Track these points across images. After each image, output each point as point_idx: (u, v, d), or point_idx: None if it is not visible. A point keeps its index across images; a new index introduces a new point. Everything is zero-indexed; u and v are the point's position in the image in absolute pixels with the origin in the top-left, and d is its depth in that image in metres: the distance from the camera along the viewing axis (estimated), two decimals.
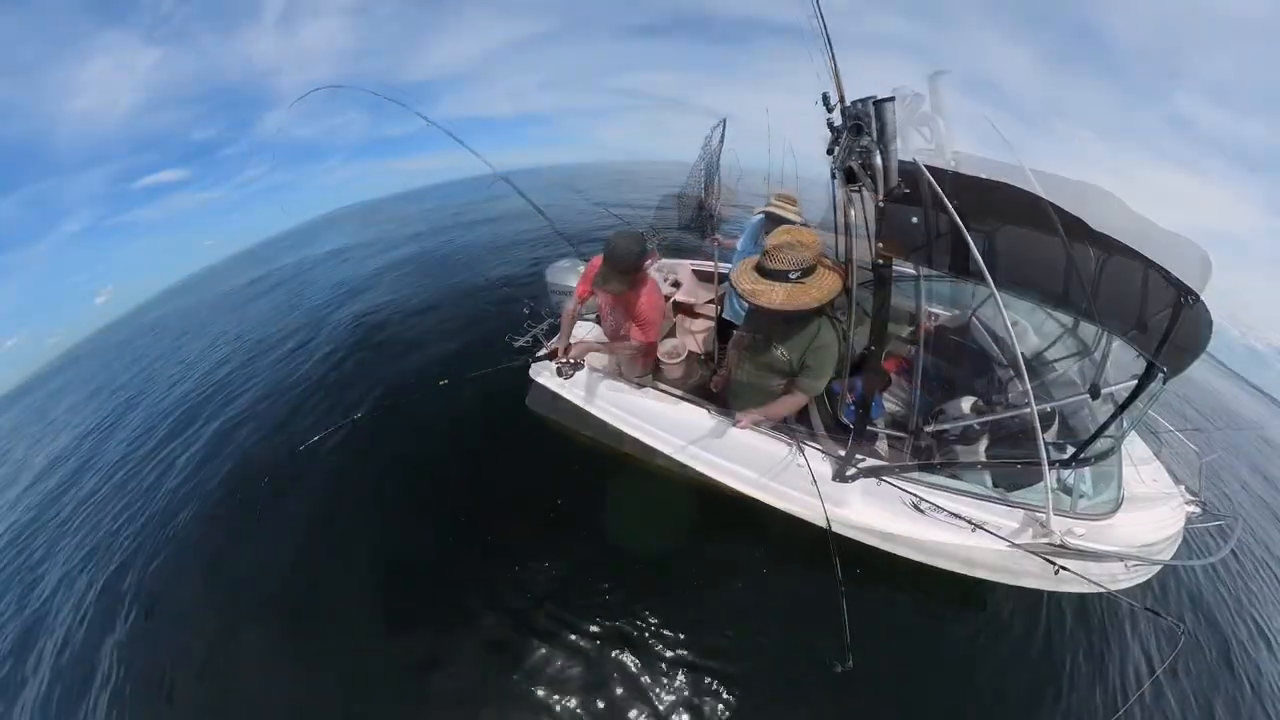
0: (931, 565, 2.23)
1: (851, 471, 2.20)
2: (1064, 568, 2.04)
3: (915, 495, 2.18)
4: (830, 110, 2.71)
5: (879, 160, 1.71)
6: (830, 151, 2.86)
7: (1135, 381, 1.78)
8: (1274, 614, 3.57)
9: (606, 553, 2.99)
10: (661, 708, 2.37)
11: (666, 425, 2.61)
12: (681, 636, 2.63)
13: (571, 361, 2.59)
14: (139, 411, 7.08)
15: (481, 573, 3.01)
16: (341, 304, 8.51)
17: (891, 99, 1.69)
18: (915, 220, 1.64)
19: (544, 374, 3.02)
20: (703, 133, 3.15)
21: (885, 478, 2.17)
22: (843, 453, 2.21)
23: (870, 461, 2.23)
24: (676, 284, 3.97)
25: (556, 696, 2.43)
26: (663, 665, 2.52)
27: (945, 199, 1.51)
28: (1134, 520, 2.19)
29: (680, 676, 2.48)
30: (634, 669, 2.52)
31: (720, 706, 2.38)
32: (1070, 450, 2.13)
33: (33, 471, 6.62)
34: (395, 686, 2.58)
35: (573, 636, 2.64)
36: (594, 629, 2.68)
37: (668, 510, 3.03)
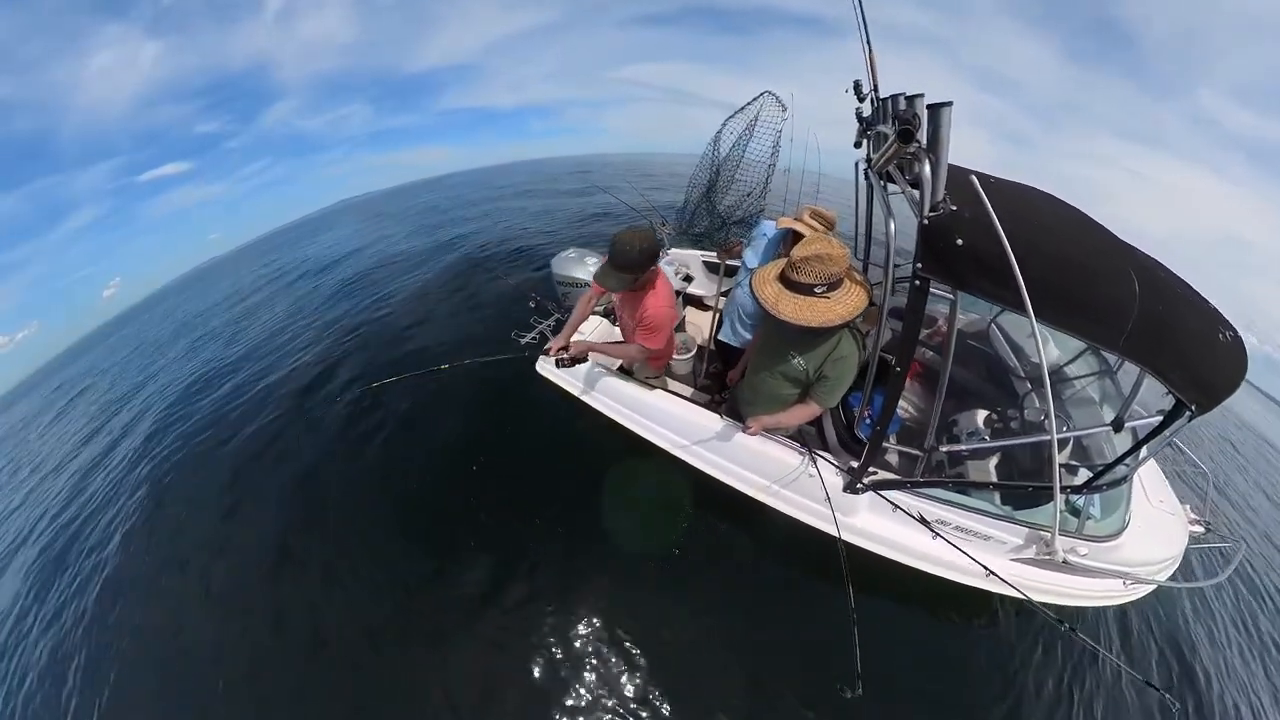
0: (940, 576, 2.25)
1: (862, 485, 2.18)
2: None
3: (923, 509, 2.17)
4: (861, 100, 2.50)
5: (927, 171, 1.57)
6: (858, 144, 2.67)
7: (1161, 418, 1.74)
8: None
9: (607, 549, 3.00)
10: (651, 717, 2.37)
11: (675, 426, 2.57)
12: (679, 645, 2.63)
13: (570, 357, 2.44)
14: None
15: (469, 563, 3.02)
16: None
17: (949, 104, 1.54)
18: (960, 243, 1.53)
19: (550, 369, 2.95)
20: (714, 127, 2.90)
21: (894, 497, 2.15)
22: (855, 464, 2.18)
23: (882, 475, 2.21)
24: (688, 278, 3.87)
25: (539, 705, 2.41)
26: (657, 674, 2.52)
27: (999, 228, 1.39)
28: (1138, 540, 2.21)
29: (677, 688, 2.48)
30: (627, 673, 2.52)
31: None
32: (1084, 474, 2.11)
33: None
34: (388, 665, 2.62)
35: (562, 636, 2.64)
36: (586, 628, 2.68)
37: (672, 507, 3.03)
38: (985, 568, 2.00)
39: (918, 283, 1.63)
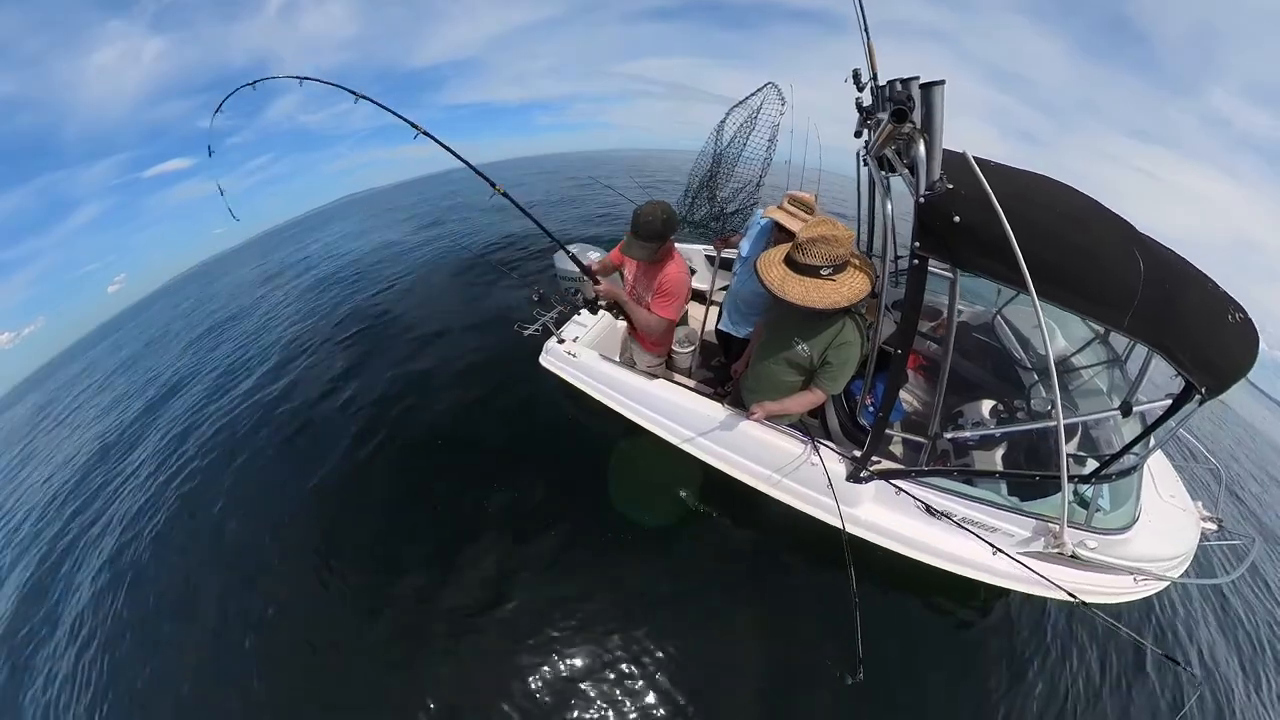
0: (945, 569, 2.20)
1: (866, 474, 2.15)
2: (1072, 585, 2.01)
3: (929, 500, 2.13)
4: (861, 89, 2.52)
5: (921, 150, 1.57)
6: (858, 134, 2.68)
7: (1170, 401, 1.70)
8: None
9: (609, 536, 2.98)
10: (656, 705, 2.35)
11: (678, 416, 2.55)
12: (682, 631, 2.60)
13: (595, 294, 2.50)
14: None
15: (462, 556, 3.00)
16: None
17: (941, 82, 1.54)
18: (957, 220, 1.52)
19: (554, 362, 2.96)
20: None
21: (899, 483, 2.12)
22: (858, 454, 2.15)
23: (885, 464, 2.18)
24: (691, 270, 3.86)
25: (537, 692, 2.39)
26: (660, 659, 2.49)
27: (995, 201, 1.38)
28: (1148, 536, 2.15)
29: (677, 673, 2.45)
30: (626, 662, 2.49)
31: (723, 709, 2.36)
32: (1091, 464, 2.07)
33: None
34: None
35: (565, 626, 2.62)
36: (587, 616, 2.65)
37: (675, 495, 3.01)
38: (994, 545, 1.96)
39: (916, 262, 1.62)
